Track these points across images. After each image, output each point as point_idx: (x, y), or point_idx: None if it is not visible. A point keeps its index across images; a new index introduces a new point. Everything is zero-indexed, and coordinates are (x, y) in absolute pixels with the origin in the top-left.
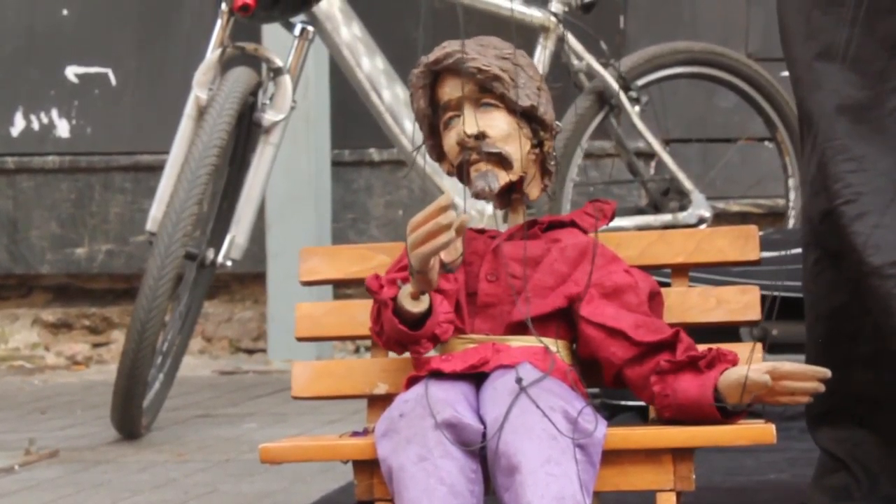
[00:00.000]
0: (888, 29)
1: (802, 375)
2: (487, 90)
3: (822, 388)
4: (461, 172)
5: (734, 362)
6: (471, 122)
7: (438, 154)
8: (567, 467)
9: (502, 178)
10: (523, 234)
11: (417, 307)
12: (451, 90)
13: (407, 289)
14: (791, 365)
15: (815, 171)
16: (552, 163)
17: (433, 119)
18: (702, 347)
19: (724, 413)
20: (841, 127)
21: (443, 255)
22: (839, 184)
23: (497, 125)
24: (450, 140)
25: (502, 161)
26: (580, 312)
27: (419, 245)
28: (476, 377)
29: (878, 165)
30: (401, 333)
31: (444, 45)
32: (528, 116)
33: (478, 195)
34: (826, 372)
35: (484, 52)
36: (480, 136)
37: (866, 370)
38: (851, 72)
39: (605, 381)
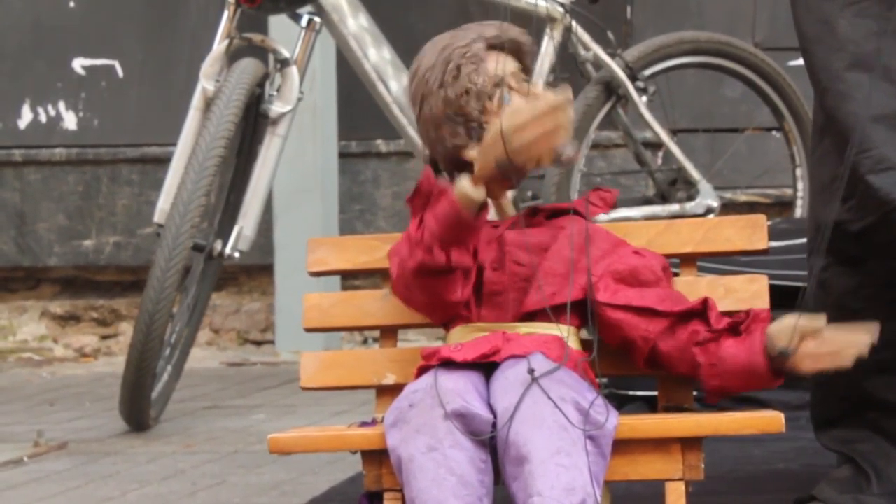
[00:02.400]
0: None
1: (852, 330)
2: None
3: (867, 342)
4: None
5: (769, 320)
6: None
7: (453, 157)
8: (577, 458)
9: None
10: (522, 221)
11: (478, 194)
12: (495, 65)
13: (465, 178)
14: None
15: (831, 180)
16: None
17: (477, 105)
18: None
19: (775, 375)
20: (878, 136)
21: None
22: (882, 192)
23: None
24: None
25: None
26: (599, 300)
27: (531, 147)
28: (486, 366)
29: None
30: (461, 222)
31: (473, 25)
32: None
33: (567, 161)
34: (874, 326)
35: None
36: None
37: (879, 376)
38: (884, 81)
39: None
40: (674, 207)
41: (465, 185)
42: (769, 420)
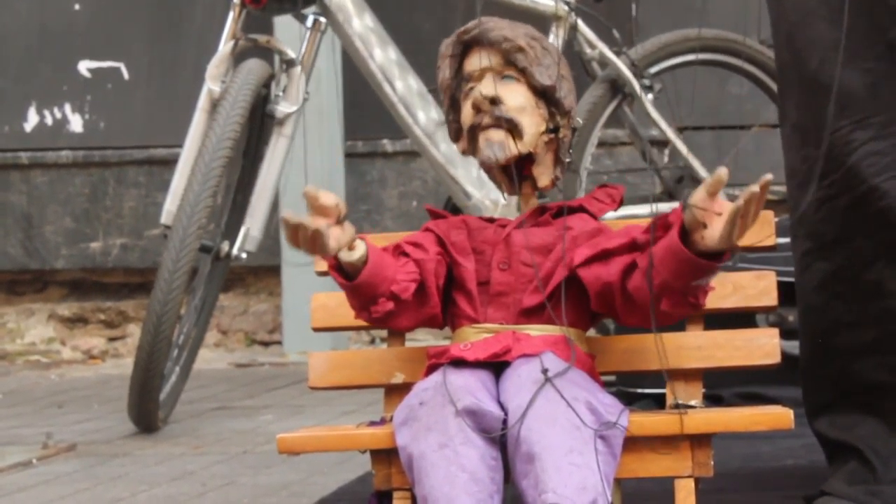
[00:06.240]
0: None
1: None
2: (511, 63)
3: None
4: (472, 140)
5: (679, 213)
6: (489, 85)
7: (456, 132)
8: (589, 458)
9: (510, 148)
10: (523, 223)
11: (352, 256)
12: (476, 61)
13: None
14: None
15: (801, 161)
16: (566, 155)
17: (455, 91)
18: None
19: (708, 257)
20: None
21: (332, 239)
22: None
23: (514, 96)
24: (466, 108)
25: (514, 130)
26: (577, 271)
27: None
28: (495, 365)
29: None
30: (344, 287)
31: (478, 19)
32: (546, 98)
33: (483, 164)
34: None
35: (513, 28)
36: (496, 101)
37: (870, 356)
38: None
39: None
40: None
41: (343, 253)
42: (778, 417)
